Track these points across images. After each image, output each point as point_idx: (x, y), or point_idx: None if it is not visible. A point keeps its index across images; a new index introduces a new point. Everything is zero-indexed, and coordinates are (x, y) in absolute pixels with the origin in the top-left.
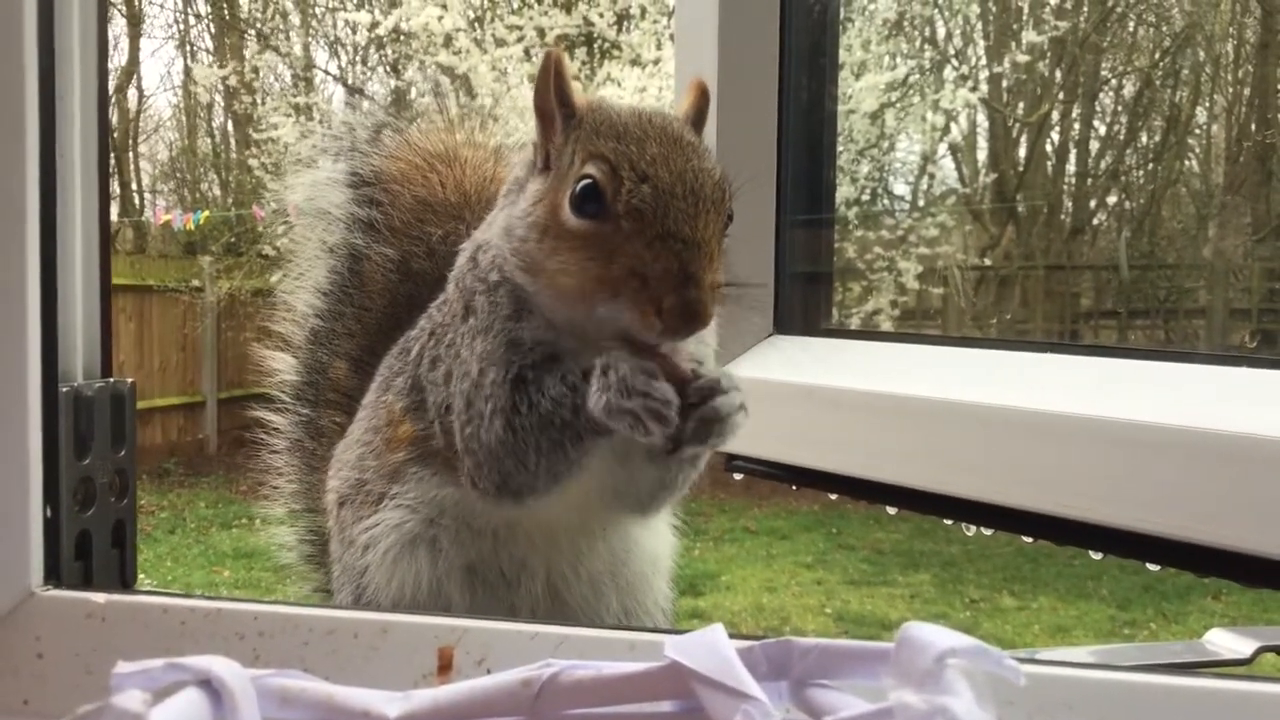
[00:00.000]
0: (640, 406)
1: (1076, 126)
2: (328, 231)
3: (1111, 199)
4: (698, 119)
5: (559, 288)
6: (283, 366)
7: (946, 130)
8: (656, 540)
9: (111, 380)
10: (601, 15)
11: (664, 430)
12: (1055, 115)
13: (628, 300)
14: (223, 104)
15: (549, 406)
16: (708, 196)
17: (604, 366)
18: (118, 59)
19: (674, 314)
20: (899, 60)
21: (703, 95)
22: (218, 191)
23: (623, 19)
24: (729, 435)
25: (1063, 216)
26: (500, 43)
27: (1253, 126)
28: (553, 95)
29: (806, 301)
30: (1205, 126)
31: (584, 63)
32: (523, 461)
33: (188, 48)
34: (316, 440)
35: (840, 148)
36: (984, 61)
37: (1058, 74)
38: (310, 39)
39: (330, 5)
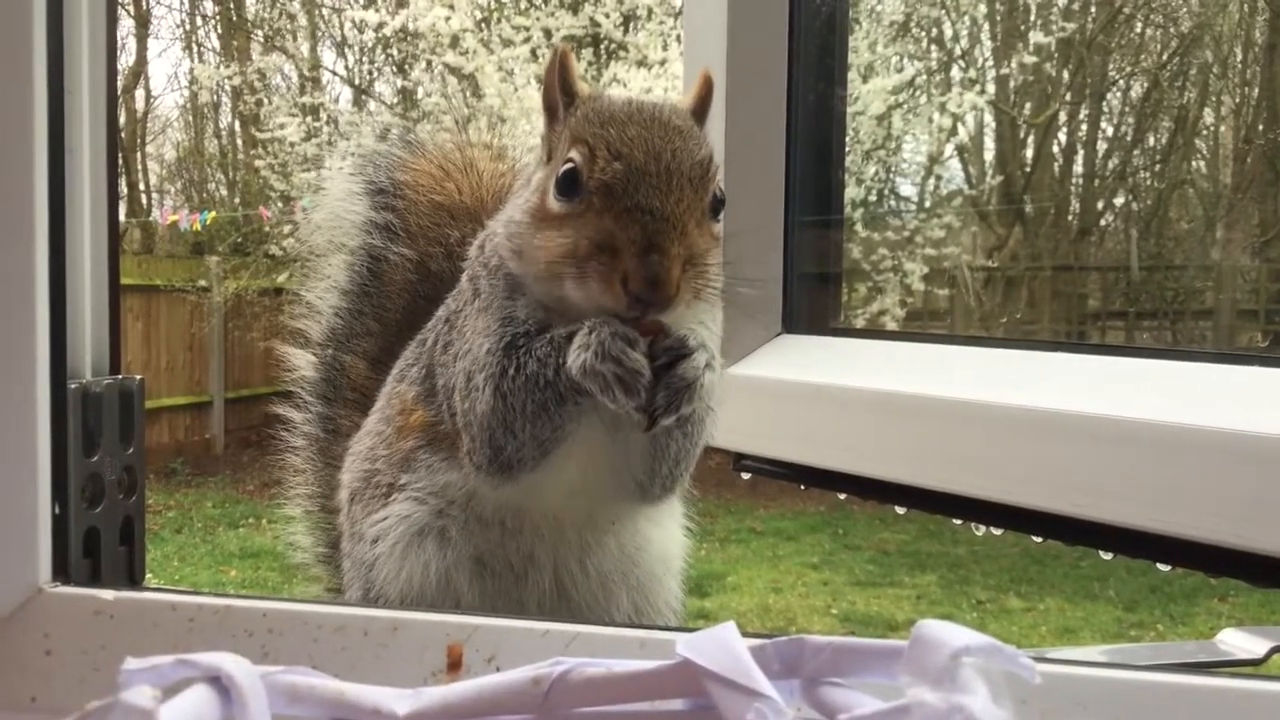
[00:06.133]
0: (610, 372)
1: (1084, 127)
2: (348, 235)
3: (1119, 200)
4: (700, 108)
5: (538, 266)
6: (303, 364)
7: (953, 131)
8: (668, 539)
9: (120, 377)
10: (608, 16)
11: (631, 401)
12: (1062, 116)
13: (595, 272)
14: (230, 104)
15: (534, 367)
16: (683, 174)
17: (590, 327)
18: (125, 60)
19: (637, 281)
20: (906, 62)
21: (706, 85)
22: (225, 192)
23: (629, 20)
24: (698, 398)
25: (1070, 217)
26: (507, 43)
27: (1260, 127)
28: (557, 89)
29: (815, 301)
30: (1213, 127)
31: (590, 64)
32: (511, 429)
33: (195, 49)
34: (333, 438)
35: (847, 149)
36: (991, 63)
37: (1065, 75)
38: (317, 39)
39: (337, 5)
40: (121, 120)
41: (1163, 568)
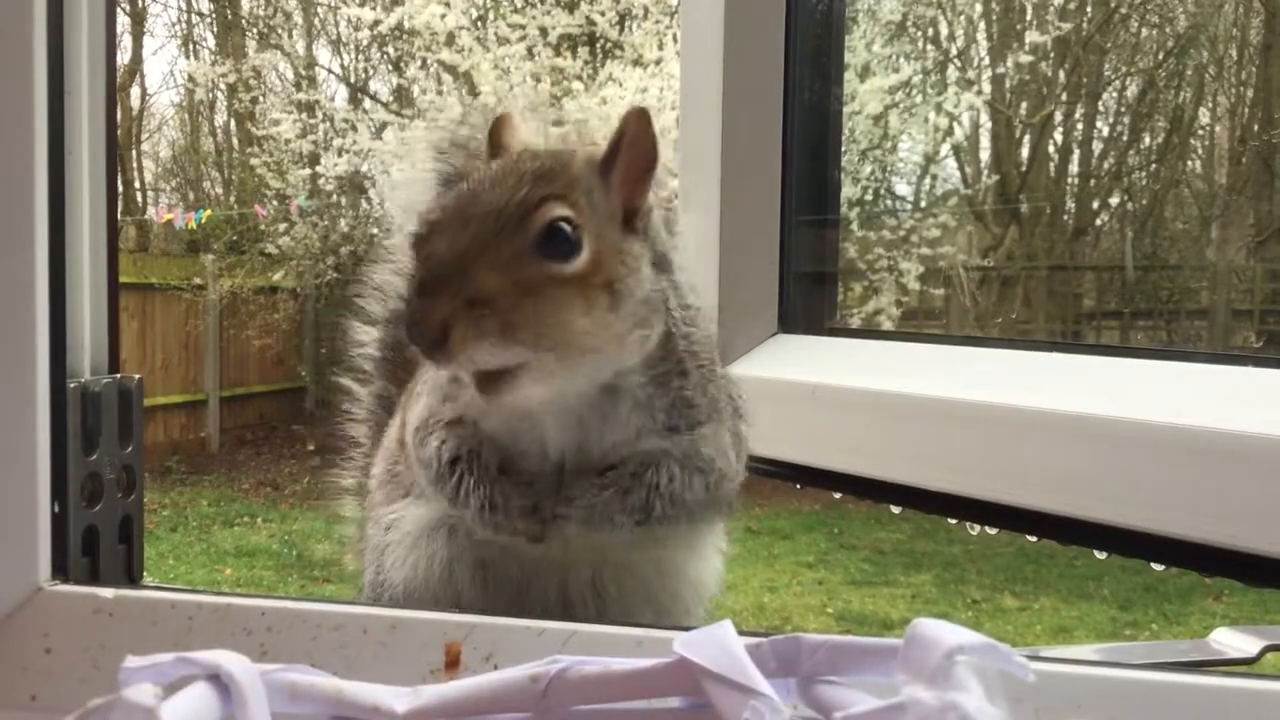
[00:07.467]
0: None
1: (1079, 127)
2: (414, 223)
3: (1114, 200)
4: (611, 156)
5: None
6: (367, 339)
7: (949, 131)
8: (702, 566)
9: (119, 376)
10: (603, 14)
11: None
12: (1058, 116)
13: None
14: (225, 102)
15: (426, 454)
16: (481, 216)
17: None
18: (120, 57)
19: (404, 321)
20: (903, 61)
21: (625, 125)
22: (220, 190)
23: (625, 18)
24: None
25: (1065, 217)
26: (503, 41)
27: (1256, 128)
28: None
29: (810, 301)
30: (1208, 128)
31: (586, 62)
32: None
33: (190, 46)
34: (387, 413)
35: (843, 148)
36: (987, 62)
37: (1061, 74)
38: (312, 36)
39: (332, 3)
40: (118, 118)
41: (1157, 567)
